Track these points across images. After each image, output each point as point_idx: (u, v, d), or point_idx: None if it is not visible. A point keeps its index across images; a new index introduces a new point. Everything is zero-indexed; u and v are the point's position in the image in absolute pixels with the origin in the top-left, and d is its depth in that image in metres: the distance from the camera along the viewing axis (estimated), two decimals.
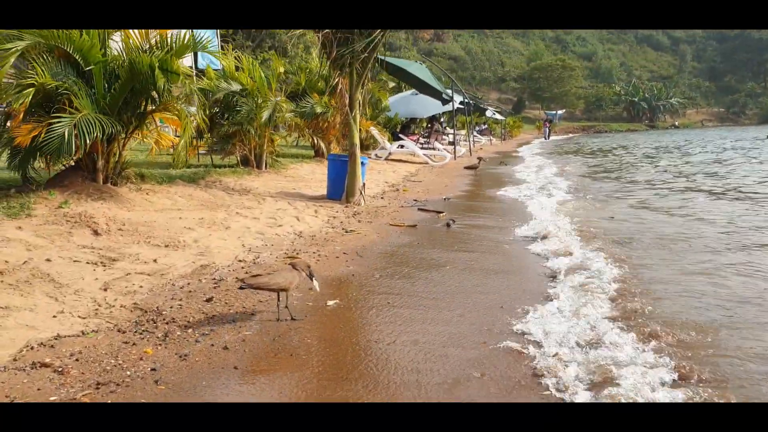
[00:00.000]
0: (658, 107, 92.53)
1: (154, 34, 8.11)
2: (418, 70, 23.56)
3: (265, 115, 12.12)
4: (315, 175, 13.79)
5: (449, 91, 25.15)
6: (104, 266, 5.64)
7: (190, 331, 4.24)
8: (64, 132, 7.28)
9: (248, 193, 10.51)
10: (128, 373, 3.56)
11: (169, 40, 8.13)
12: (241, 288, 4.50)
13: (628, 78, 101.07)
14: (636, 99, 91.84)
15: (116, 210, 7.59)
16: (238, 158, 13.43)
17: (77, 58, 7.82)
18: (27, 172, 8.20)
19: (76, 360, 3.67)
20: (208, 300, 4.90)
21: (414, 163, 21.11)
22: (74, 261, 5.67)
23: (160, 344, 4.00)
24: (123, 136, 8.55)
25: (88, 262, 5.68)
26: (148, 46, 8.17)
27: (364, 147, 22.55)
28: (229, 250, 6.61)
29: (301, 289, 5.33)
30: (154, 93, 8.27)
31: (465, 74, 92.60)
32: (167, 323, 4.36)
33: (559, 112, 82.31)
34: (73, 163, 8.52)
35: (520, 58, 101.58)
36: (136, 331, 4.18)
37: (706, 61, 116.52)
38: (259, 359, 3.85)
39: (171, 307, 4.68)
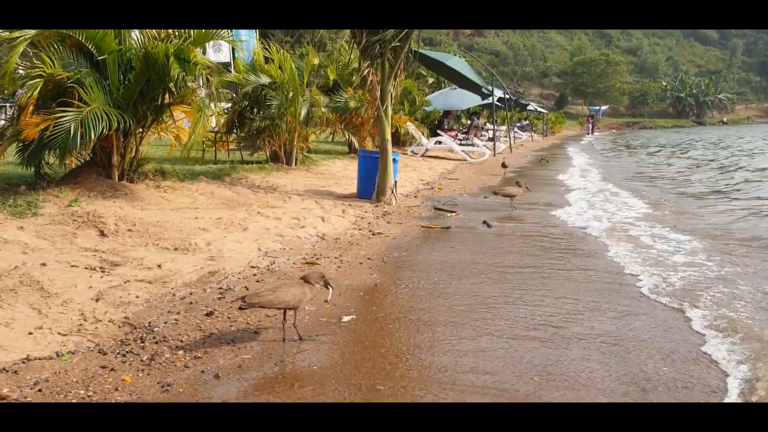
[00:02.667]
0: (706, 103, 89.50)
1: None
2: (457, 63, 22.77)
3: (303, 111, 11.61)
4: (347, 173, 13.21)
5: (489, 86, 24.32)
6: (103, 272, 5.14)
7: (181, 353, 3.69)
8: (70, 127, 6.84)
9: (274, 190, 10.00)
10: None
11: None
12: (241, 308, 3.93)
13: (675, 73, 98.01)
14: (683, 94, 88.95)
15: (129, 209, 7.13)
16: (268, 154, 12.96)
17: (90, 47, 7.38)
18: (40, 168, 7.80)
19: (39, 390, 3.14)
20: (209, 314, 4.35)
21: (452, 159, 20.42)
22: (71, 266, 5.18)
23: (143, 370, 3.45)
24: (140, 130, 8.10)
25: (86, 267, 5.19)
26: (164, 34, 7.69)
27: (401, 143, 22.00)
28: (243, 255, 6.07)
29: (314, 301, 4.76)
30: (171, 84, 7.79)
31: (506, 69, 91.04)
32: (157, 342, 3.82)
33: (603, 107, 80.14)
34: (89, 159, 8.11)
35: (563, 53, 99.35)
36: (119, 353, 3.64)
37: (757, 55, 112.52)
38: (255, 390, 3.28)
39: (165, 323, 4.15)
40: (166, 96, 8.02)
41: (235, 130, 13.16)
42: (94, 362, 3.51)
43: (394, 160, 10.36)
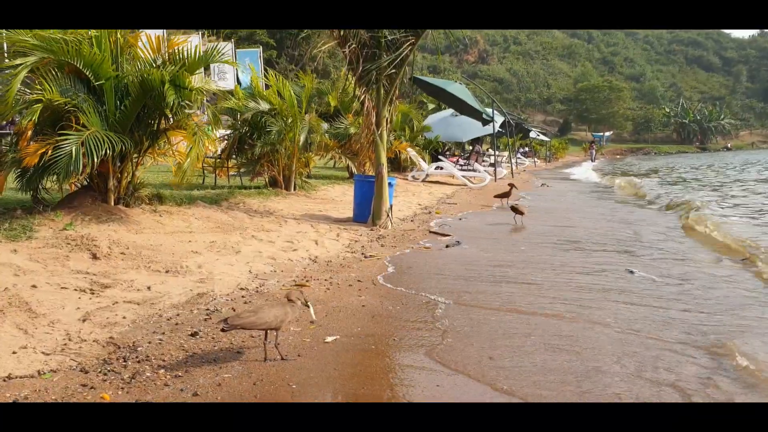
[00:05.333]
0: (710, 129, 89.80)
1: (164, 49, 7.77)
2: (458, 90, 22.99)
3: (302, 138, 11.74)
4: (345, 197, 13.29)
5: (489, 111, 24.49)
6: (92, 294, 5.20)
7: (162, 372, 3.73)
8: (72, 150, 6.96)
9: (271, 215, 10.08)
10: None
11: (181, 54, 7.78)
12: (223, 330, 3.97)
13: (678, 99, 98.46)
14: (686, 120, 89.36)
15: (123, 232, 7.21)
16: (267, 179, 13.07)
17: (87, 73, 7.51)
18: (38, 192, 7.91)
19: None
20: (193, 335, 4.39)
21: (452, 185, 20.52)
22: (62, 288, 5.24)
23: (122, 388, 3.49)
24: (136, 155, 8.21)
25: (75, 289, 5.25)
26: (160, 60, 7.84)
27: (402, 169, 22.15)
28: (233, 277, 6.13)
29: (300, 322, 4.81)
30: (167, 110, 7.90)
31: (510, 96, 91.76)
32: (139, 362, 3.86)
33: (607, 133, 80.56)
34: (85, 184, 8.21)
35: (566, 80, 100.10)
36: (100, 371, 3.69)
37: (760, 81, 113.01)
38: None
39: (149, 343, 4.19)
40: (162, 121, 8.14)
41: (234, 156, 13.29)
42: (75, 380, 3.56)
43: (389, 184, 10.45)
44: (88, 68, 7.47)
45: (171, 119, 8.10)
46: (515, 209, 11.14)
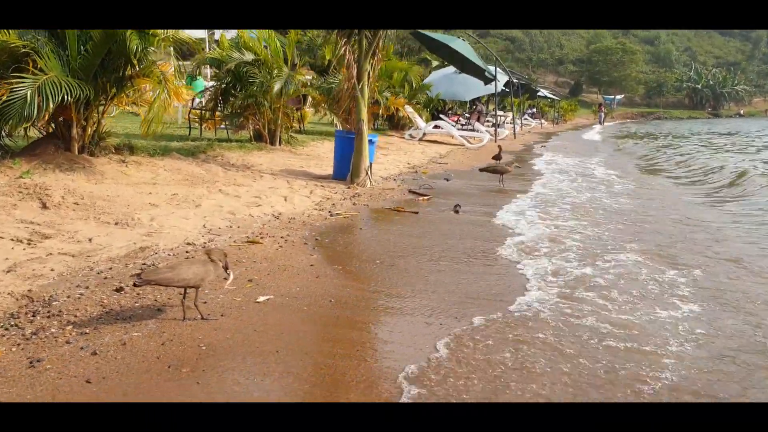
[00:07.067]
0: (723, 95, 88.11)
1: None
2: (461, 46, 22.42)
3: (276, 86, 11.36)
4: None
5: (492, 68, 23.94)
6: (29, 244, 5.01)
7: (69, 328, 3.55)
8: (27, 95, 6.71)
9: (248, 169, 9.84)
10: None
11: None
12: (135, 285, 3.76)
13: (693, 64, 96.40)
14: (699, 86, 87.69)
15: (81, 182, 7.00)
16: (251, 133, 12.79)
17: None
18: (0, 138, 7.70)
19: None
20: (118, 290, 4.20)
21: (450, 144, 20.13)
22: None
23: (19, 344, 3.31)
24: (102, 103, 7.96)
25: (12, 239, 5.06)
26: None
27: (400, 127, 21.78)
28: (184, 231, 5.91)
29: (237, 280, 4.62)
30: (132, 57, 7.61)
31: (522, 56, 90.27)
32: (49, 317, 3.68)
33: (618, 97, 79.19)
34: (51, 131, 7.98)
35: (579, 41, 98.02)
36: (2, 326, 3.51)
37: None
38: (128, 371, 3.12)
39: (68, 297, 4.00)
40: (128, 69, 7.85)
41: (220, 108, 12.98)
42: None
43: (371, 141, 10.18)
44: None
45: (137, 66, 7.79)
46: (496, 170, 10.84)
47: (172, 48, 8.19)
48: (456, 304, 4.45)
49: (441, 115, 24.54)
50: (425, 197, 9.19)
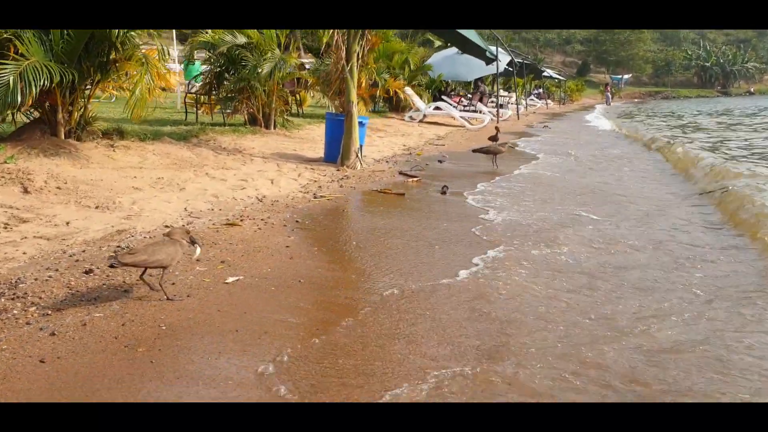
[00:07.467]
0: (733, 73, 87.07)
1: None
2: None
3: (266, 68, 11.32)
4: None
5: (493, 49, 23.74)
6: (5, 228, 5.05)
7: (32, 309, 3.58)
8: (9, 81, 6.73)
9: (239, 153, 9.84)
10: None
11: None
12: (111, 266, 3.79)
13: (701, 41, 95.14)
14: (708, 64, 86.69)
15: (66, 167, 7.03)
16: (246, 117, 12.79)
17: None
18: None
19: None
20: (87, 272, 4.22)
21: (450, 126, 20.05)
22: None
23: None
24: (87, 87, 7.97)
25: None
26: None
27: (400, 109, 21.68)
28: (164, 214, 5.94)
29: (209, 261, 4.64)
30: (116, 40, 7.61)
31: (529, 36, 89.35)
32: (13, 299, 3.71)
33: (625, 76, 78.49)
34: (37, 117, 8.01)
35: None
36: None
37: None
38: (84, 351, 3.15)
39: (35, 279, 4.03)
40: (113, 53, 7.84)
41: (214, 92, 12.98)
42: None
43: (361, 123, 10.15)
44: None
45: (121, 50, 7.79)
46: (489, 151, 10.81)
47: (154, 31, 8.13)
48: (406, 274, 4.48)
49: (443, 97, 24.42)
50: (415, 179, 9.17)
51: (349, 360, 3.21)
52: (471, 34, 22.34)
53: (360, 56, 10.00)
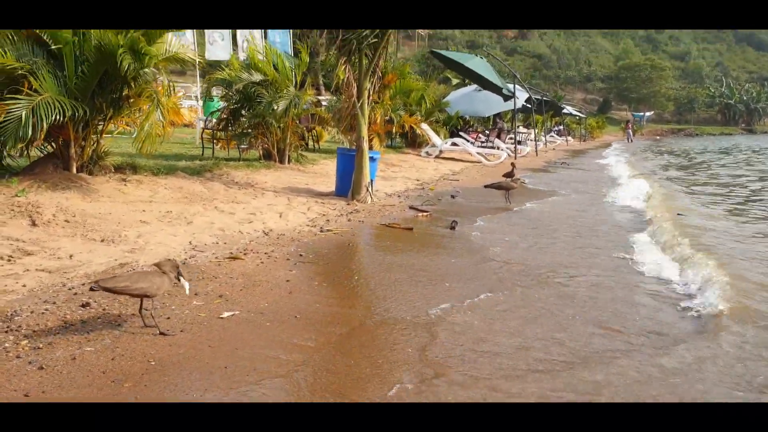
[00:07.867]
0: (757, 110, 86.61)
1: None
2: (477, 65, 22.44)
3: (281, 105, 11.46)
4: None
5: (510, 86, 23.87)
6: (8, 260, 5.09)
7: (25, 342, 3.58)
8: (21, 115, 6.86)
9: (251, 187, 9.91)
10: None
11: None
12: (92, 289, 3.79)
13: (725, 79, 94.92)
14: (732, 101, 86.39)
15: (76, 200, 7.10)
16: (260, 152, 12.91)
17: (45, 37, 7.40)
18: (1, 158, 7.87)
19: None
20: (84, 305, 4.23)
21: (466, 161, 20.06)
22: None
23: None
24: (100, 122, 8.10)
25: None
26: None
27: (417, 144, 21.75)
28: (168, 248, 5.96)
29: (207, 296, 4.63)
30: (129, 77, 7.73)
31: (549, 73, 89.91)
32: (7, 331, 3.71)
33: (647, 113, 78.46)
34: (51, 151, 8.15)
35: (607, 57, 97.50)
36: None
37: None
38: (70, 385, 3.13)
39: (32, 312, 4.04)
40: (125, 89, 7.98)
41: (230, 128, 13.14)
42: None
43: (372, 158, 10.19)
44: (46, 32, 7.35)
45: (133, 87, 7.92)
46: (501, 186, 10.76)
47: (161, 67, 8.24)
48: (404, 310, 4.42)
49: (461, 133, 24.49)
50: (425, 213, 9.15)
51: (335, 398, 3.15)
52: (486, 71, 22.52)
53: (371, 93, 10.07)
